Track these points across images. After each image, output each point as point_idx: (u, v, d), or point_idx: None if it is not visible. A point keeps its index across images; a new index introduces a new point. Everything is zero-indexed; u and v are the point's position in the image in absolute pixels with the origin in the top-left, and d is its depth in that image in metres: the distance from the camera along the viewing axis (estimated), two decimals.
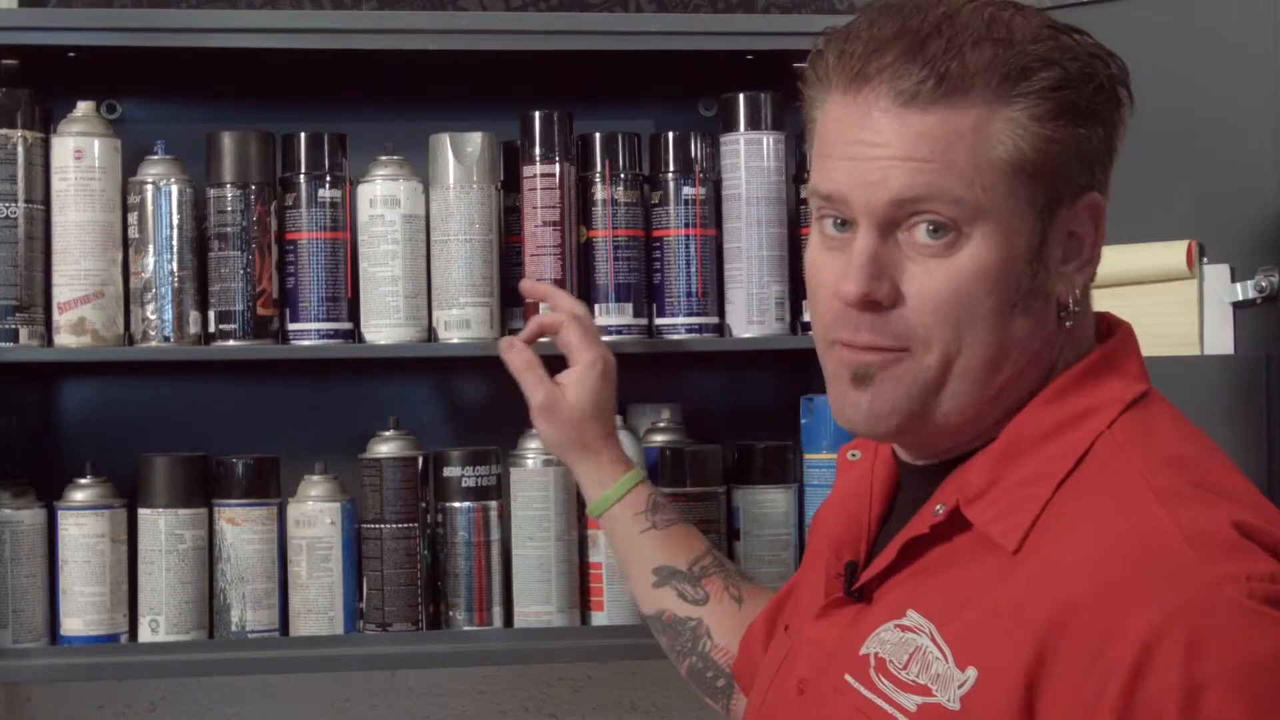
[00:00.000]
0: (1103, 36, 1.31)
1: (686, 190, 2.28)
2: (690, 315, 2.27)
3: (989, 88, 1.26)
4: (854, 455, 1.47)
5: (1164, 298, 1.94)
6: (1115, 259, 1.34)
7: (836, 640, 1.35)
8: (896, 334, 1.29)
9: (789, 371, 2.38)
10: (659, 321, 2.28)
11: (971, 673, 1.20)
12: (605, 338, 2.25)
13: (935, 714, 1.22)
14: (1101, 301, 1.38)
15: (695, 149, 2.29)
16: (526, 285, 2.17)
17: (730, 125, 2.29)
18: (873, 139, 1.28)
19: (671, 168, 2.28)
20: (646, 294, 2.28)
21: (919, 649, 1.25)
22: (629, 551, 1.97)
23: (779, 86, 2.22)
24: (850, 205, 1.30)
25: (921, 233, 1.27)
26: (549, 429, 2.01)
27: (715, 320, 2.28)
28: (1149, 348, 1.35)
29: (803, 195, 2.31)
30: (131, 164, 2.22)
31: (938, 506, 1.30)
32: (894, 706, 1.25)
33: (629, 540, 1.96)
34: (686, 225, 2.27)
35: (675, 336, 2.27)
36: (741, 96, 2.28)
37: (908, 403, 1.30)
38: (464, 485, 2.22)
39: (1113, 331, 1.37)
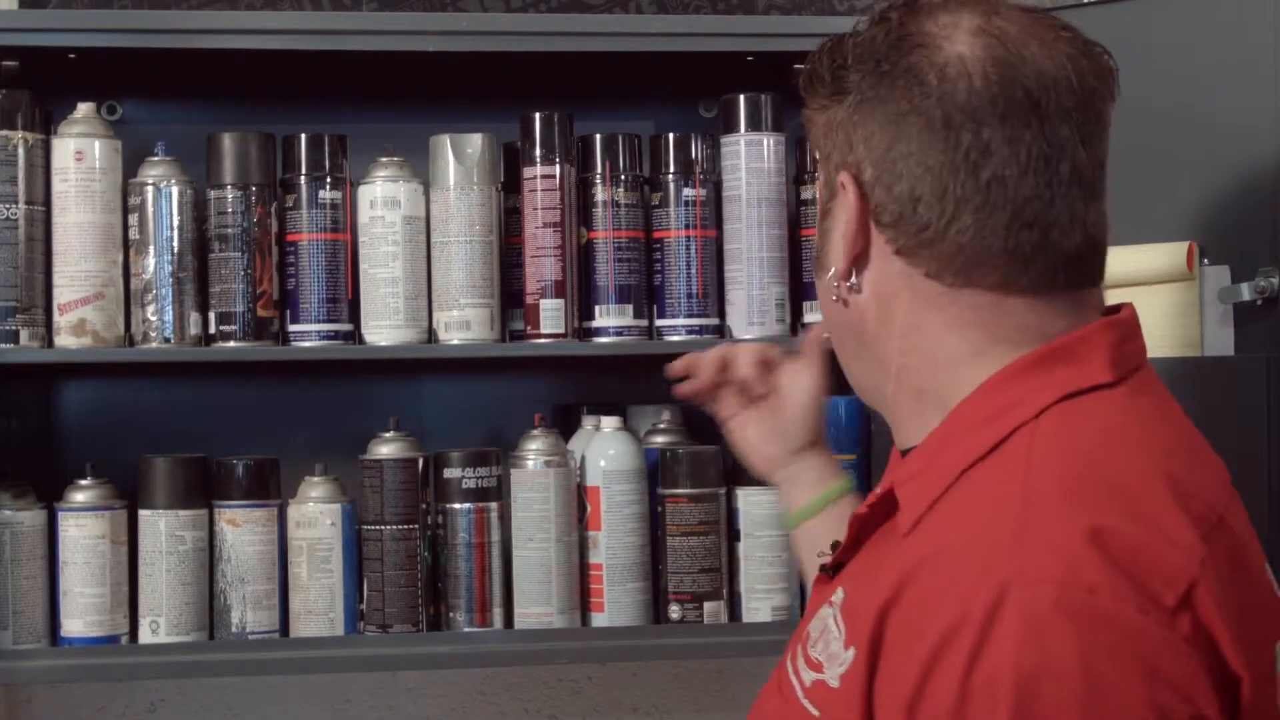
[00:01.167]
0: (1103, 37, 1.30)
1: (687, 191, 2.28)
2: (691, 316, 2.27)
3: (821, 86, 1.34)
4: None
5: (1164, 299, 1.94)
6: (1115, 260, 1.32)
7: (806, 618, 1.38)
8: None
9: None
10: (660, 323, 2.28)
11: (850, 652, 1.20)
12: (605, 339, 2.26)
13: (821, 691, 1.23)
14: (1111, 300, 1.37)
15: (696, 150, 2.29)
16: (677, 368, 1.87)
17: (731, 126, 2.29)
18: None
19: (672, 169, 2.28)
20: (647, 295, 2.29)
21: (826, 627, 1.26)
22: (811, 556, 1.77)
23: (779, 88, 2.23)
24: None
25: None
26: (751, 439, 1.78)
27: (716, 321, 2.28)
28: (1149, 348, 1.34)
29: (803, 196, 2.31)
30: (132, 165, 2.22)
31: (878, 486, 1.32)
32: (799, 682, 1.27)
33: (817, 544, 1.76)
34: (687, 226, 2.27)
35: (676, 338, 2.27)
36: (742, 98, 2.28)
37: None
38: (464, 487, 2.22)
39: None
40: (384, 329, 2.22)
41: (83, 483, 2.20)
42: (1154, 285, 1.94)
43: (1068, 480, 1.17)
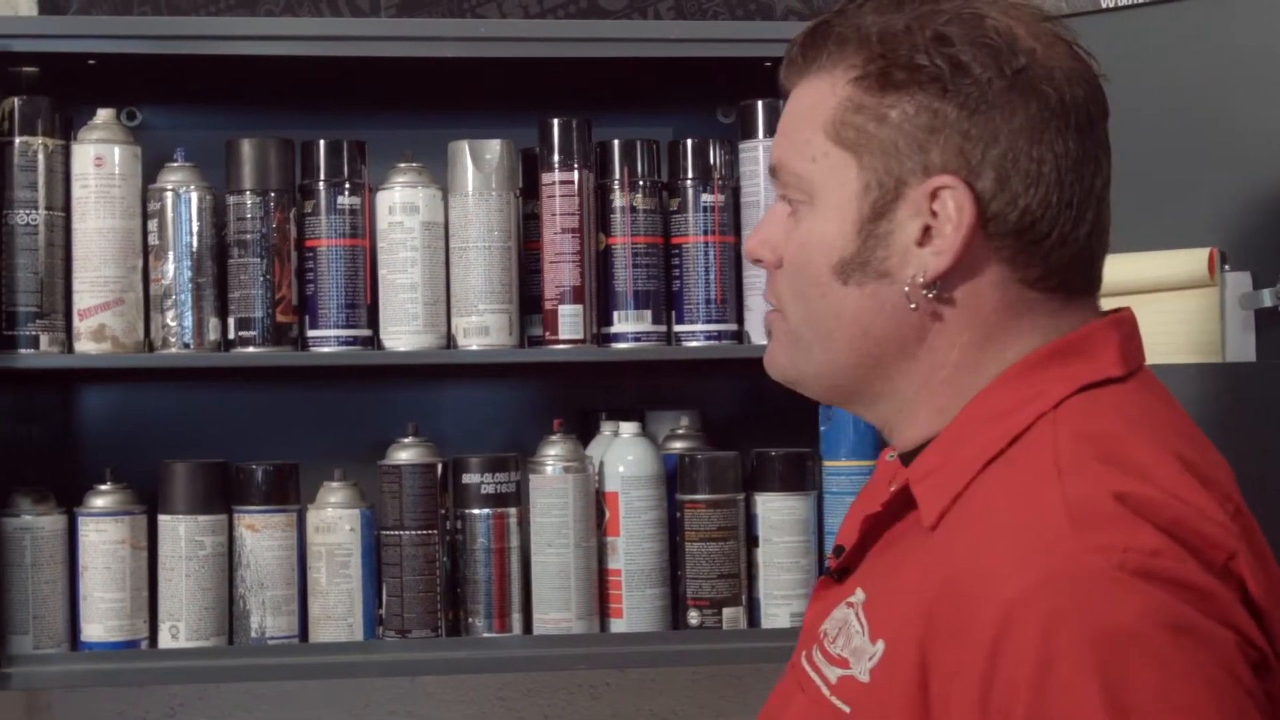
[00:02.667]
0: (1123, 44, 1.31)
1: (705, 197, 2.28)
2: (709, 322, 2.27)
3: (830, 58, 1.30)
4: (892, 456, 1.47)
5: (1184, 305, 1.93)
6: (1136, 266, 1.33)
7: (811, 622, 1.38)
8: (771, 291, 1.38)
9: None
10: (678, 328, 2.28)
11: (880, 646, 1.21)
12: (624, 345, 2.26)
13: (849, 686, 1.23)
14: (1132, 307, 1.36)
15: (714, 156, 2.29)
16: None
17: (749, 132, 2.29)
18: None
19: (690, 174, 2.28)
20: (665, 301, 2.29)
21: (847, 623, 1.27)
22: None
23: None
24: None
25: (786, 202, 1.34)
26: None
27: (734, 327, 2.28)
28: (1170, 354, 1.34)
29: None
30: (151, 171, 2.23)
31: (892, 485, 1.32)
32: (821, 679, 1.27)
33: None
34: (705, 232, 2.27)
35: (694, 344, 2.27)
36: (760, 103, 2.28)
37: (785, 358, 1.37)
38: (483, 492, 2.22)
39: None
40: (403, 334, 2.22)
41: (103, 488, 2.20)
42: (1175, 291, 1.94)
43: (1098, 456, 1.19)
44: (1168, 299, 1.89)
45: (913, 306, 1.28)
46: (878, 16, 1.28)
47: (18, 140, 2.15)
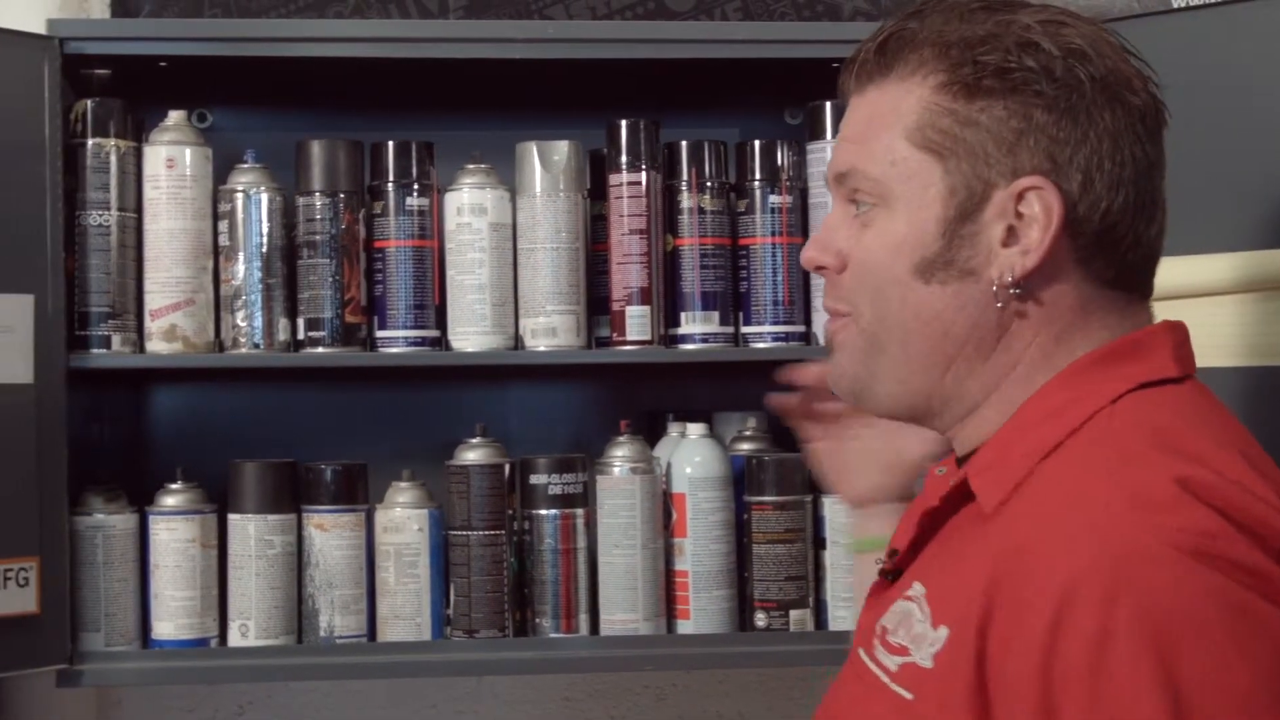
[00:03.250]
0: (1194, 44, 1.31)
1: (773, 198, 2.27)
2: (776, 323, 2.27)
3: (907, 65, 1.31)
4: (941, 471, 1.47)
5: (1246, 309, 1.91)
6: (1218, 266, 1.33)
7: (869, 622, 1.38)
8: (838, 296, 1.38)
9: None
10: (745, 330, 2.28)
11: (943, 631, 1.22)
12: (691, 346, 2.25)
13: (911, 673, 1.24)
14: (1200, 309, 1.37)
15: (781, 157, 2.29)
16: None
17: (816, 133, 2.29)
18: (841, 125, 1.39)
19: (758, 176, 2.28)
20: (733, 302, 2.28)
21: (909, 614, 1.28)
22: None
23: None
24: (827, 184, 1.41)
25: (853, 206, 1.36)
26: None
27: (801, 329, 2.27)
28: (1250, 358, 1.34)
29: None
30: (222, 172, 2.24)
31: (948, 476, 1.34)
32: (881, 669, 1.28)
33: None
34: (773, 233, 2.27)
35: (761, 345, 2.27)
36: (828, 105, 2.28)
37: (853, 367, 1.37)
38: (550, 493, 2.23)
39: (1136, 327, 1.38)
40: (471, 335, 2.22)
41: (173, 487, 2.22)
42: (1236, 295, 1.92)
43: (1157, 445, 1.22)
44: (1228, 301, 1.87)
45: (999, 305, 1.30)
46: (956, 24, 1.31)
47: (90, 142, 2.17)
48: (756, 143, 2.29)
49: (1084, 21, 1.32)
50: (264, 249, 2.21)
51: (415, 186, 2.24)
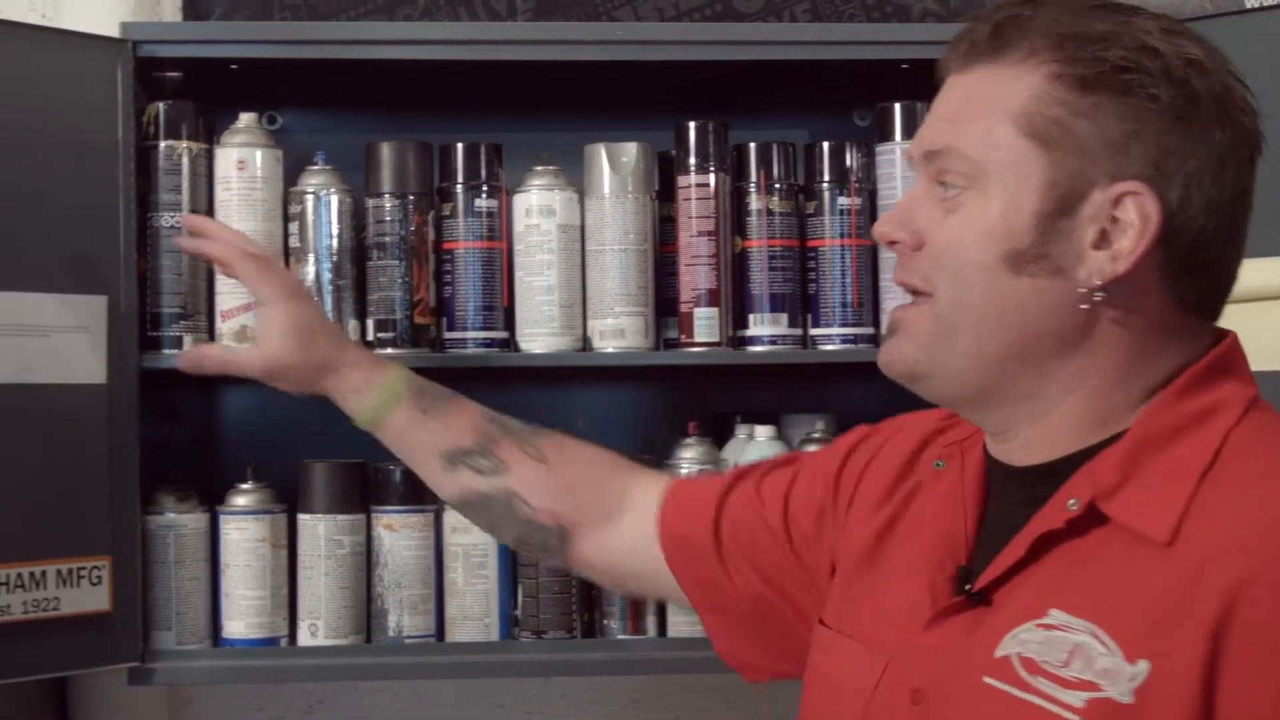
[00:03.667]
0: (1250, 47, 1.31)
1: (842, 200, 2.27)
2: (845, 326, 2.26)
3: (1019, 50, 1.30)
4: (940, 465, 1.47)
5: None
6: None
7: (960, 645, 1.34)
8: (912, 271, 1.36)
9: None
10: (814, 332, 2.28)
11: (1143, 665, 1.21)
12: (759, 348, 2.25)
13: (1106, 709, 1.22)
14: (1260, 313, 1.38)
15: (850, 159, 2.28)
16: (184, 243, 1.99)
17: (886, 135, 2.28)
18: (935, 103, 1.37)
19: (827, 177, 2.28)
20: (801, 304, 2.28)
21: (1079, 646, 1.25)
22: (412, 445, 1.87)
23: (934, 96, 2.20)
24: (910, 160, 1.39)
25: (940, 187, 1.34)
26: (289, 385, 1.89)
27: (870, 331, 2.27)
28: None
29: None
30: (292, 174, 2.25)
31: (1071, 502, 1.30)
32: (1058, 705, 1.25)
33: (409, 434, 1.86)
34: (842, 235, 2.26)
35: (830, 347, 2.26)
36: (897, 106, 2.27)
37: (916, 350, 1.35)
38: None
39: (1220, 339, 1.37)
40: (539, 336, 2.23)
41: (243, 486, 2.23)
42: None
43: None
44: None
45: (1084, 307, 1.29)
46: (1073, 18, 1.30)
47: (163, 144, 2.19)
48: (825, 144, 2.29)
49: (1198, 36, 1.31)
50: (334, 250, 2.22)
51: (484, 188, 2.24)
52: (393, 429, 1.85)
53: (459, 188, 2.24)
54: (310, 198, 2.22)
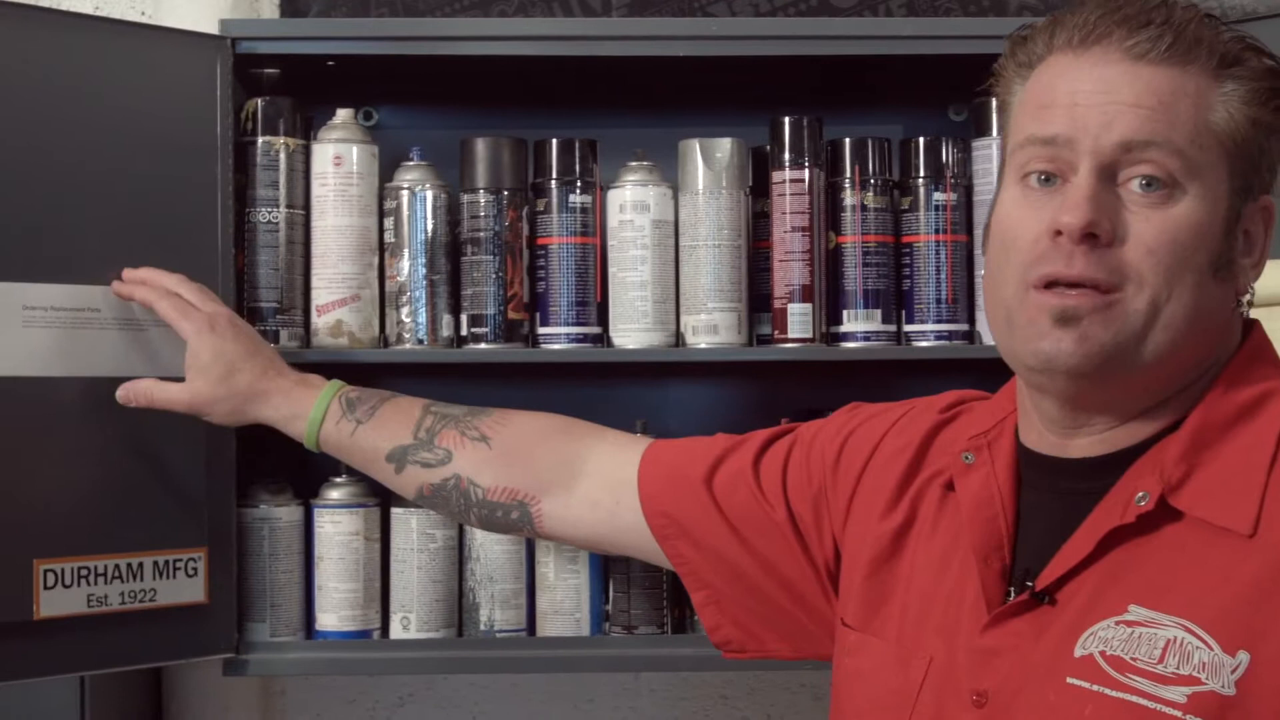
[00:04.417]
0: None
1: (937, 196, 2.25)
2: (940, 322, 2.25)
3: (1209, 62, 1.31)
4: (968, 458, 1.46)
5: None
6: None
7: (1027, 646, 1.34)
8: (1111, 269, 1.30)
9: None
10: (908, 328, 2.26)
11: (1243, 656, 1.22)
12: (853, 345, 2.24)
13: (1210, 702, 1.22)
14: None
15: (946, 154, 2.27)
16: (118, 286, 2.03)
17: (982, 130, 2.26)
18: (1103, 88, 1.31)
19: (922, 173, 2.26)
20: (895, 300, 2.27)
21: (1173, 640, 1.25)
22: (358, 455, 1.96)
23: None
24: (1074, 148, 1.32)
25: (1136, 185, 1.30)
26: (217, 418, 1.99)
27: (965, 327, 2.25)
28: None
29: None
30: (388, 170, 2.26)
31: (1139, 496, 1.30)
32: (1158, 702, 1.25)
33: (353, 445, 1.95)
34: (937, 231, 2.25)
35: (924, 344, 2.25)
36: (993, 101, 2.23)
37: (1114, 345, 1.31)
38: None
39: (1248, 329, 1.40)
40: (632, 332, 2.23)
41: (337, 480, 2.24)
42: None
43: None
44: None
45: (1242, 312, 1.35)
46: (1238, 41, 1.34)
47: (260, 140, 2.20)
48: (920, 139, 2.27)
49: None
50: (428, 245, 2.23)
51: (578, 184, 2.24)
52: (335, 444, 1.94)
53: (553, 183, 2.25)
54: (405, 193, 2.23)
